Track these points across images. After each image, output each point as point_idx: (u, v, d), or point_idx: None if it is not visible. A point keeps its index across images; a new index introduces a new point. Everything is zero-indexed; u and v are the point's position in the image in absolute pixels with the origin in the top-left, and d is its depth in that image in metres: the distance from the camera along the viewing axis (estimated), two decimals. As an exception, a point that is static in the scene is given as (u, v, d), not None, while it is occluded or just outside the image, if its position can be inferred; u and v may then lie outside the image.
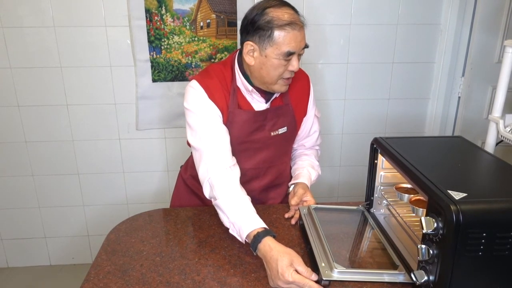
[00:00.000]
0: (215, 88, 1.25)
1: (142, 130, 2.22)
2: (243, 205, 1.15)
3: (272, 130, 1.33)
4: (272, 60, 1.18)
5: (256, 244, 1.04)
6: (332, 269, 0.97)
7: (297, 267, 0.97)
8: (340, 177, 2.43)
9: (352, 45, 2.18)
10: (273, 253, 0.99)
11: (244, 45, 1.21)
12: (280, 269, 0.96)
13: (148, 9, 2.01)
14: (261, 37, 1.17)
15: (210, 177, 1.19)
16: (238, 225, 1.10)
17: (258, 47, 1.19)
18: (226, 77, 1.28)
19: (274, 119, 1.32)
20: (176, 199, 1.53)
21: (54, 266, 2.46)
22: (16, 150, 2.21)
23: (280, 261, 0.97)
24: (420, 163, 1.00)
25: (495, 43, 2.06)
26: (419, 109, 2.34)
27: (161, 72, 2.12)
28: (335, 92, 2.27)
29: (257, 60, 1.21)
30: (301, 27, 1.18)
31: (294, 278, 0.94)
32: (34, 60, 2.06)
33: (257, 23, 1.16)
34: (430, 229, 0.84)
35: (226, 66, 1.30)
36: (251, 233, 1.07)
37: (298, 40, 1.17)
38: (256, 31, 1.18)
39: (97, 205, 2.36)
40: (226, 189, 1.18)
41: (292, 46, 1.16)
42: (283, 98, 1.35)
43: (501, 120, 1.40)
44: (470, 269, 0.83)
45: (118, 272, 1.05)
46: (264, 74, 1.21)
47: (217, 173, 1.19)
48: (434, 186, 0.87)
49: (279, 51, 1.16)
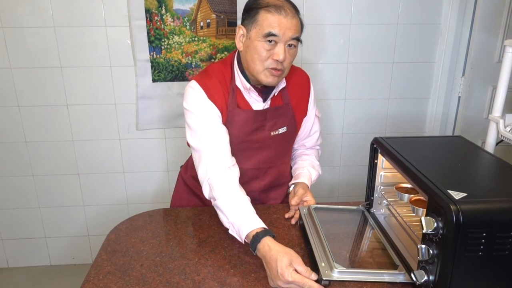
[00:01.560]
0: (215, 88, 1.25)
1: (142, 130, 2.22)
2: (242, 205, 1.15)
3: (272, 130, 1.32)
4: (255, 42, 1.18)
5: (255, 244, 1.04)
6: (332, 269, 0.97)
7: (297, 267, 0.97)
8: (340, 177, 2.43)
9: (352, 45, 2.18)
10: (272, 253, 0.99)
11: (237, 30, 1.23)
12: (280, 269, 0.96)
13: (148, 9, 2.01)
14: (248, 19, 1.19)
15: (210, 177, 1.19)
16: (237, 226, 1.10)
17: (246, 30, 1.20)
18: (225, 77, 1.28)
19: (274, 119, 1.32)
20: (177, 199, 1.53)
21: (54, 266, 2.46)
22: (16, 150, 2.21)
23: (280, 261, 0.97)
24: (420, 163, 1.00)
25: (495, 43, 2.06)
26: (419, 109, 2.34)
27: (161, 72, 2.12)
28: (335, 92, 2.26)
29: (245, 45, 1.22)
30: (291, 16, 1.16)
31: (294, 278, 0.94)
32: (34, 60, 2.06)
33: (247, 7, 1.20)
34: (430, 229, 0.84)
35: (225, 65, 1.30)
36: (250, 233, 1.07)
37: (284, 26, 1.15)
38: (246, 13, 1.21)
39: (97, 205, 2.36)
40: (225, 189, 1.17)
41: (274, 28, 1.14)
42: (283, 97, 1.34)
43: (501, 120, 1.40)
44: (470, 269, 0.83)
45: (118, 272, 1.05)
46: (249, 59, 1.21)
47: (216, 174, 1.19)
48: (434, 186, 0.87)
49: (261, 31, 1.15)
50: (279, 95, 1.33)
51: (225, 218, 1.15)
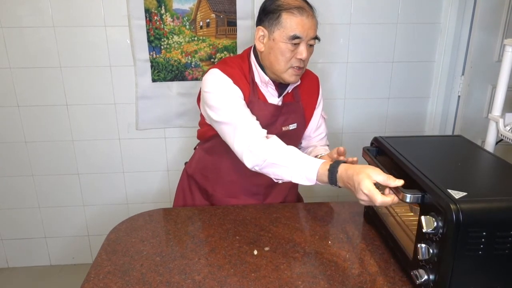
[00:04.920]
0: (239, 76, 1.26)
1: (142, 130, 2.22)
2: (296, 152, 1.13)
3: (283, 126, 1.35)
4: (279, 44, 1.21)
5: (334, 175, 1.02)
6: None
7: (376, 177, 0.94)
8: (340, 176, 2.42)
9: (352, 44, 2.18)
10: (348, 172, 0.99)
11: (256, 31, 1.25)
12: (355, 183, 0.95)
13: (147, 9, 2.01)
14: (270, 21, 1.21)
15: (250, 144, 1.16)
16: (304, 169, 1.07)
17: (267, 31, 1.22)
18: (243, 69, 1.30)
19: (286, 115, 1.35)
20: (180, 197, 1.53)
21: (54, 266, 2.46)
22: (16, 150, 2.21)
23: (354, 175, 0.96)
24: (420, 162, 1.00)
25: (495, 42, 2.06)
26: (419, 108, 2.34)
27: (161, 72, 2.12)
28: (335, 92, 2.26)
29: (266, 45, 1.24)
30: (311, 16, 1.20)
31: (369, 189, 0.92)
32: (34, 60, 2.06)
33: (268, 8, 1.22)
34: (430, 228, 0.84)
35: (243, 59, 1.33)
36: (322, 171, 1.05)
37: (306, 27, 1.19)
38: (266, 15, 1.22)
39: (97, 205, 2.36)
40: (272, 146, 1.15)
41: (299, 30, 1.18)
42: (294, 95, 1.38)
43: (501, 119, 1.40)
44: (470, 268, 0.83)
45: (118, 272, 1.05)
46: (273, 59, 1.24)
47: (256, 139, 1.17)
48: (434, 185, 0.87)
49: (286, 34, 1.19)
50: (291, 93, 1.37)
51: (284, 170, 1.11)
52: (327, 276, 1.03)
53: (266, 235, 1.21)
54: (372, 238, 1.19)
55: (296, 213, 1.34)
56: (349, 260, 1.09)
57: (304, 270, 1.05)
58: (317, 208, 1.37)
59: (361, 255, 1.12)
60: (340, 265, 1.07)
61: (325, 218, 1.31)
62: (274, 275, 1.03)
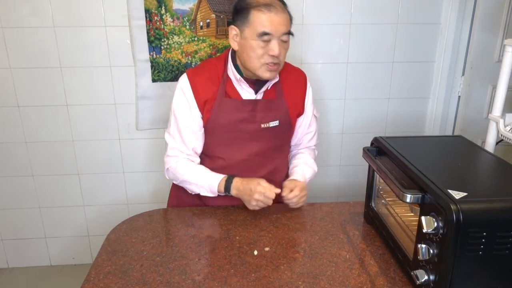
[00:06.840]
0: (205, 81, 1.33)
1: (142, 130, 2.22)
2: (202, 170, 1.35)
3: (262, 122, 1.35)
4: (250, 41, 1.22)
5: (229, 185, 1.28)
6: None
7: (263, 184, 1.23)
8: (340, 177, 2.42)
9: (352, 44, 2.18)
10: (243, 181, 1.27)
11: (229, 30, 1.27)
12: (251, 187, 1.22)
13: (148, 9, 2.01)
14: (240, 20, 1.23)
15: (171, 164, 1.37)
16: (207, 184, 1.31)
17: (239, 30, 1.24)
18: (218, 70, 1.34)
19: (265, 111, 1.35)
20: (173, 198, 1.53)
21: (54, 267, 2.46)
22: (16, 150, 2.21)
23: (250, 182, 1.24)
24: (420, 162, 1.00)
25: (495, 42, 2.06)
26: (419, 109, 2.34)
27: (161, 72, 2.12)
28: (335, 92, 2.26)
29: (239, 44, 1.27)
30: (280, 11, 1.21)
31: (263, 186, 1.22)
32: (34, 60, 2.06)
33: (238, 7, 1.24)
34: (430, 229, 0.84)
35: (220, 60, 1.36)
36: (221, 182, 1.30)
37: (276, 23, 1.19)
38: (237, 14, 1.24)
39: (97, 205, 2.36)
40: (186, 167, 1.35)
41: (267, 27, 1.19)
42: (276, 91, 1.37)
43: (501, 119, 1.40)
44: (470, 269, 0.83)
45: (119, 272, 1.05)
46: (246, 57, 1.26)
47: (176, 160, 1.37)
48: (434, 186, 0.87)
49: (255, 31, 1.20)
50: (273, 90, 1.37)
51: (194, 186, 1.34)
52: (327, 276, 1.03)
53: (266, 235, 1.21)
54: (372, 239, 1.19)
55: (296, 213, 1.34)
56: (349, 260, 1.09)
57: (304, 270, 1.05)
58: (317, 208, 1.37)
59: (361, 255, 1.12)
60: (340, 266, 1.07)
61: (325, 218, 1.31)
62: (274, 276, 1.03)
